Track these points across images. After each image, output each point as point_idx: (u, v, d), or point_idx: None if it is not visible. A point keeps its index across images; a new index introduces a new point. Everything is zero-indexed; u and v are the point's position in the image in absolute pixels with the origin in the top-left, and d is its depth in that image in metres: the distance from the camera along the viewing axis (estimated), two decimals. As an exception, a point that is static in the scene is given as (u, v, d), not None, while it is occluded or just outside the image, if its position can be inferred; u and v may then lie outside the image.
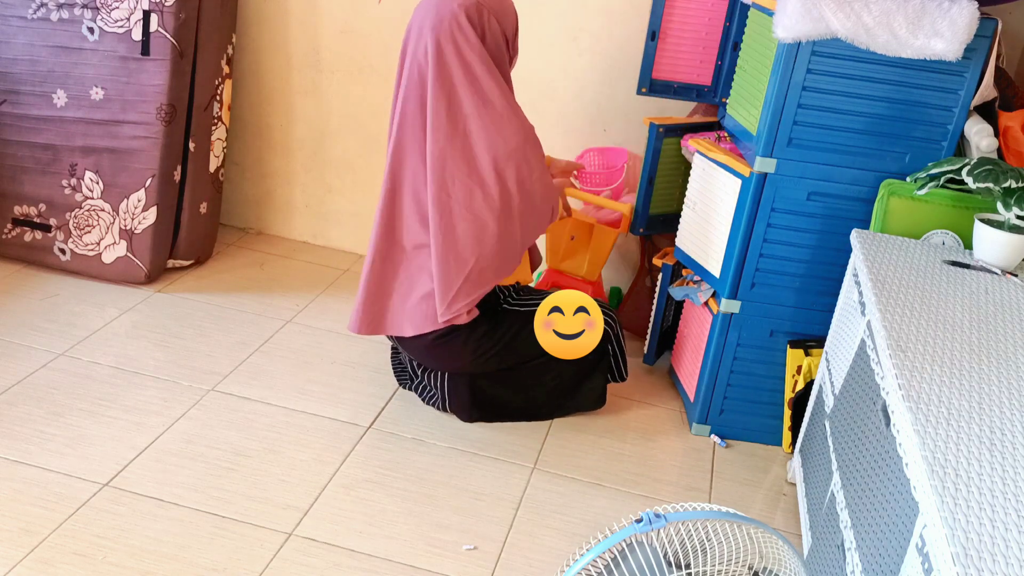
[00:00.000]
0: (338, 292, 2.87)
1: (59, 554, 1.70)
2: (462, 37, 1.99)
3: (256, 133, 3.09)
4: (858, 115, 2.01)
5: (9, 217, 2.74)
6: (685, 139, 2.37)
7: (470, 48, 2.00)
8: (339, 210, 3.15)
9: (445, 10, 2.00)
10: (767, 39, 2.04)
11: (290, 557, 1.77)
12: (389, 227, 2.15)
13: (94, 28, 2.59)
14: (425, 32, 2.01)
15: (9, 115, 2.67)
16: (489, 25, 2.03)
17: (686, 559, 1.10)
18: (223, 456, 2.03)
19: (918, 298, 1.65)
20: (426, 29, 2.01)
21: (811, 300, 2.19)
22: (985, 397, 1.34)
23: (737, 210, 2.13)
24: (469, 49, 2.00)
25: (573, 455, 2.22)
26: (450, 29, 1.99)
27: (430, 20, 2.01)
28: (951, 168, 1.92)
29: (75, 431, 2.05)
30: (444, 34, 1.99)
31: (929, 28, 1.88)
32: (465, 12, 1.99)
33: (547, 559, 1.87)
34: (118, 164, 2.64)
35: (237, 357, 2.43)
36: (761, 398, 2.31)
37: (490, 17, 2.02)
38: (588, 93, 2.80)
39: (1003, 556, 1.00)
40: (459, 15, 1.99)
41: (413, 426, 2.25)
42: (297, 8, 2.90)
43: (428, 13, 2.03)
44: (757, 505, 2.13)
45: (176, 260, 2.83)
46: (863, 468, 1.49)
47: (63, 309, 2.56)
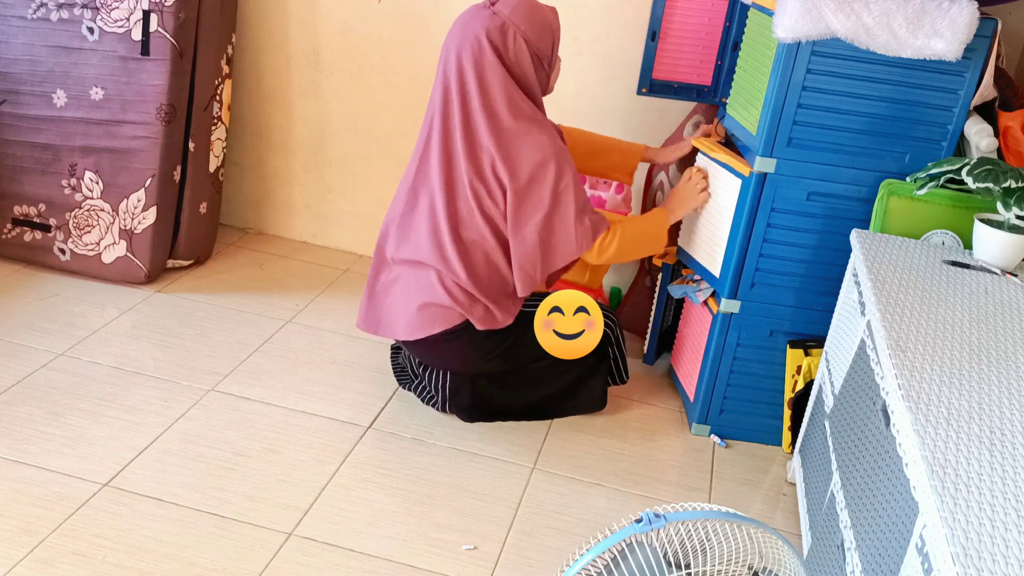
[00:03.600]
0: (338, 292, 2.87)
1: (59, 554, 1.70)
2: (483, 61, 2.02)
3: (256, 133, 3.09)
4: (858, 115, 2.01)
5: (9, 217, 2.74)
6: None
7: (489, 71, 2.02)
8: (339, 210, 3.15)
9: (470, 31, 2.02)
10: (767, 39, 2.04)
11: (290, 557, 1.77)
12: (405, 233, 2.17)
13: (94, 28, 2.59)
14: (451, 53, 2.05)
15: (9, 115, 2.67)
16: (516, 46, 2.03)
17: (686, 559, 1.10)
18: (223, 456, 2.03)
19: (918, 298, 1.65)
20: (451, 50, 2.04)
21: (811, 300, 2.19)
22: (985, 397, 1.34)
23: (737, 210, 2.13)
24: (489, 72, 2.02)
25: (573, 455, 2.22)
26: (472, 52, 2.01)
27: (455, 41, 2.04)
28: (951, 168, 1.91)
29: (75, 431, 2.05)
30: (466, 57, 2.02)
31: (929, 28, 1.88)
32: (487, 34, 2.01)
33: (547, 559, 1.87)
34: (118, 164, 2.64)
35: (237, 357, 2.43)
36: (761, 398, 2.31)
37: (516, 38, 2.02)
38: (588, 93, 2.81)
39: (1003, 556, 1.00)
40: (481, 37, 2.00)
41: (413, 426, 2.25)
42: (297, 8, 2.90)
43: (454, 34, 2.06)
44: (757, 505, 2.13)
45: (176, 260, 2.83)
46: (863, 468, 1.49)
47: (63, 309, 2.56)
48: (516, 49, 2.03)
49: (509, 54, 2.03)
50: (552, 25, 2.09)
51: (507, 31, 2.01)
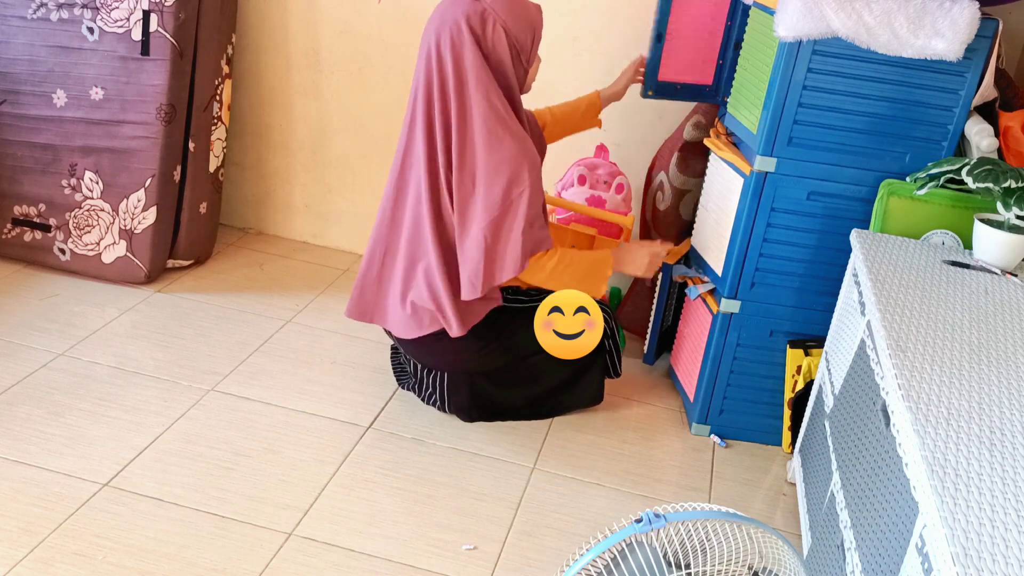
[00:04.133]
0: (338, 292, 2.87)
1: (59, 554, 1.70)
2: (460, 45, 1.99)
3: (256, 133, 3.09)
4: (858, 114, 2.01)
5: (9, 217, 2.74)
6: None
7: (466, 57, 1.99)
8: (339, 210, 3.15)
9: (449, 15, 2.00)
10: (768, 38, 2.04)
11: (290, 557, 1.77)
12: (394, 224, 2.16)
13: (94, 28, 2.59)
14: (430, 35, 2.02)
15: (9, 115, 2.67)
16: (495, 34, 2.00)
17: (686, 559, 1.10)
18: (223, 456, 2.03)
19: (918, 298, 1.65)
20: (431, 32, 2.03)
21: (811, 300, 2.19)
22: (985, 397, 1.34)
23: (738, 209, 2.13)
24: (465, 58, 1.99)
25: (573, 455, 2.22)
26: (450, 36, 1.99)
27: (435, 24, 2.02)
28: (951, 168, 1.91)
29: (75, 431, 2.05)
30: (444, 40, 2.00)
31: (930, 28, 1.88)
32: (467, 20, 1.98)
33: (547, 559, 1.86)
34: (118, 164, 2.64)
35: (237, 357, 2.43)
36: (761, 398, 2.31)
37: (496, 26, 1.99)
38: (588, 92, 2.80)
39: (1003, 556, 1.00)
40: (460, 22, 1.99)
41: (413, 426, 2.25)
42: (297, 8, 2.90)
43: (433, 19, 2.04)
44: (757, 505, 2.13)
45: (176, 260, 2.83)
46: (863, 468, 1.49)
47: (63, 309, 2.56)
48: (495, 37, 2.00)
49: (487, 41, 2.00)
50: (534, 20, 2.06)
51: (487, 18, 1.99)
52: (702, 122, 2.48)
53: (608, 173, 2.66)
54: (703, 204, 2.39)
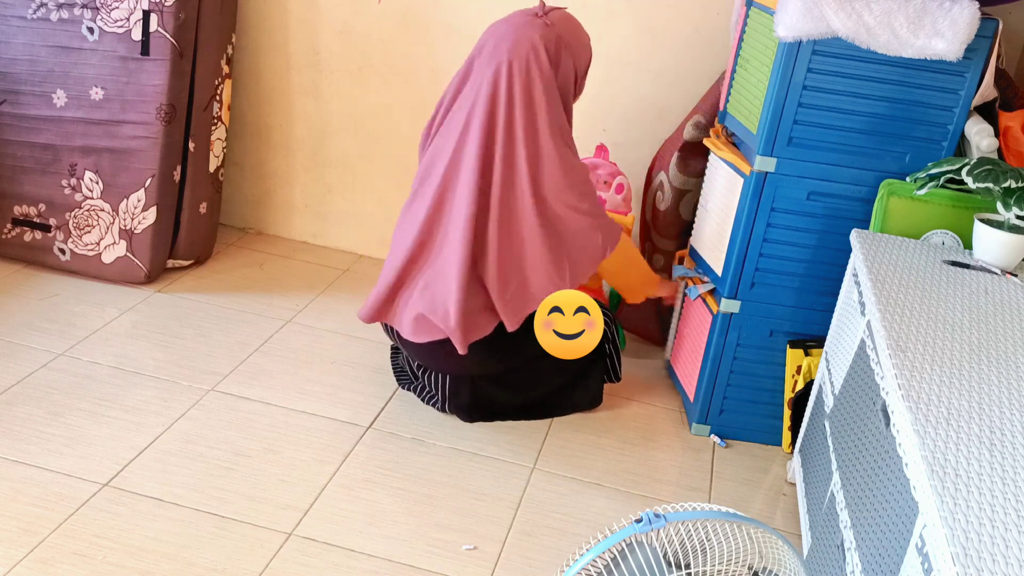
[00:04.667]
0: (338, 292, 2.87)
1: (59, 554, 1.70)
2: (536, 69, 2.01)
3: (256, 133, 3.09)
4: (858, 115, 2.01)
5: (9, 217, 2.74)
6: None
7: (540, 80, 2.01)
8: (339, 210, 3.15)
9: (524, 37, 2.01)
10: (768, 38, 2.04)
11: (290, 557, 1.77)
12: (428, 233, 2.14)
13: (94, 28, 2.59)
14: (500, 53, 2.02)
15: (9, 115, 2.67)
16: (564, 62, 2.04)
17: (686, 559, 1.10)
18: (223, 456, 2.03)
19: (918, 298, 1.65)
20: (502, 51, 2.02)
21: (811, 300, 2.19)
22: (985, 397, 1.34)
23: (738, 209, 2.13)
24: (539, 81, 2.01)
25: (573, 455, 2.22)
26: (526, 57, 2.00)
27: (508, 43, 2.02)
28: (951, 168, 1.91)
29: (75, 431, 2.05)
30: (519, 61, 2.00)
31: (930, 28, 1.88)
32: (544, 44, 2.00)
33: (547, 559, 1.86)
34: (118, 164, 2.64)
35: (237, 357, 2.43)
36: (761, 398, 2.31)
37: (566, 54, 2.03)
38: (588, 92, 2.80)
39: (1003, 556, 1.00)
40: (538, 46, 2.00)
41: (413, 426, 2.25)
42: (297, 8, 2.90)
43: (507, 35, 2.03)
44: (757, 505, 2.13)
45: (176, 260, 2.83)
46: (863, 468, 1.49)
47: (63, 309, 2.56)
48: (564, 65, 2.04)
49: (560, 68, 2.04)
50: (590, 50, 2.12)
51: (560, 46, 2.02)
52: (702, 122, 2.48)
53: (608, 173, 2.66)
54: (703, 204, 2.39)
